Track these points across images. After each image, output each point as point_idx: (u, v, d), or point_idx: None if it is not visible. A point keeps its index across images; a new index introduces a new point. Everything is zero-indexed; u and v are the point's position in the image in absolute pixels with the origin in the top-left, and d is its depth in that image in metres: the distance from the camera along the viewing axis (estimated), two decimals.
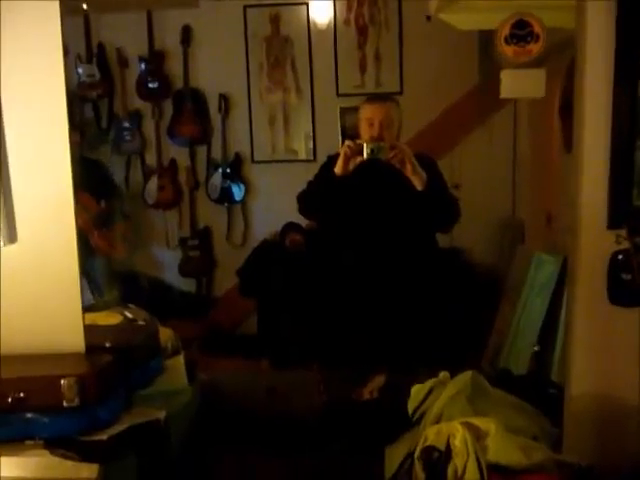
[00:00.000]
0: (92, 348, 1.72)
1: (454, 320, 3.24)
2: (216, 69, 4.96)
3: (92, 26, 4.89)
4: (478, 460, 1.49)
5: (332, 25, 4.90)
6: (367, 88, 4.88)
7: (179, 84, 4.96)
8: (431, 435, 1.59)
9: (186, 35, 4.90)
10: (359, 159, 2.74)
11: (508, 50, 2.19)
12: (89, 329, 1.97)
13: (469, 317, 3.67)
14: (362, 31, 4.90)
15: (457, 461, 1.49)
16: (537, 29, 2.18)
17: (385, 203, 2.91)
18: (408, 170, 2.66)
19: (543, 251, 3.50)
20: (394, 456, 1.73)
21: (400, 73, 4.86)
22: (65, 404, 1.51)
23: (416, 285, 2.94)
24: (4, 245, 1.66)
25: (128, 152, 5.03)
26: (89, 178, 4.44)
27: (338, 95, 4.98)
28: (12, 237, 1.67)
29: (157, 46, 4.92)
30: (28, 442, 1.50)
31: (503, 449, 1.53)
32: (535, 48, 2.17)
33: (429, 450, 1.54)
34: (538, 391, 2.29)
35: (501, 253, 4.51)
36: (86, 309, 3.77)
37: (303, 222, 4.85)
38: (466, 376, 1.84)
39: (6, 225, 1.66)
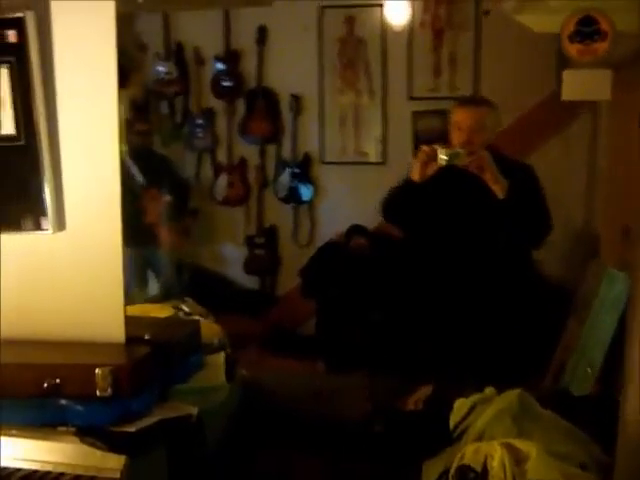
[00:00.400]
0: (132, 339, 1.72)
1: (522, 334, 3.11)
2: (289, 69, 4.97)
3: (171, 25, 5.00)
4: None
5: (407, 27, 4.82)
6: (441, 92, 4.79)
7: (252, 83, 4.99)
8: (469, 453, 1.51)
9: (261, 35, 4.93)
10: (436, 165, 2.64)
11: (571, 49, 2.05)
12: (132, 320, 2.00)
13: (537, 332, 3.53)
14: (438, 33, 4.80)
15: None
16: (605, 26, 2.03)
17: (466, 211, 2.79)
18: (487, 178, 2.54)
19: (617, 266, 3.31)
20: (431, 471, 1.66)
21: (475, 77, 4.74)
22: (98, 394, 1.51)
23: (489, 295, 2.83)
24: (52, 232, 1.68)
25: (200, 149, 5.11)
26: (158, 173, 4.53)
27: (411, 98, 4.90)
28: (61, 224, 1.70)
29: (233, 45, 4.98)
30: (61, 428, 1.51)
31: (543, 475, 1.43)
32: (602, 47, 2.02)
33: (464, 469, 1.46)
34: (599, 415, 2.15)
35: (573, 266, 4.32)
36: (147, 300, 3.86)
37: (370, 225, 4.81)
38: (513, 394, 1.74)
39: (55, 213, 1.68)
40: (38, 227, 1.68)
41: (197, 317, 3.02)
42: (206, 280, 5.20)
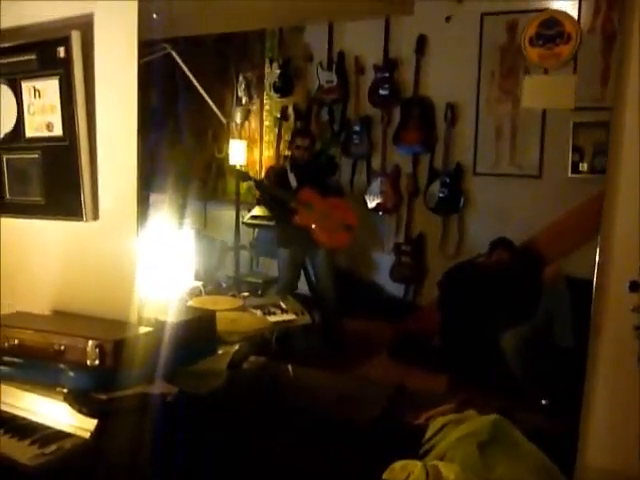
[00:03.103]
0: (148, 321, 1.93)
1: None
2: (446, 78, 4.94)
3: (335, 35, 5.22)
4: None
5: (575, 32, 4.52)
6: (608, 102, 4.41)
7: (409, 92, 5.03)
8: (397, 468, 1.48)
9: (421, 44, 4.96)
10: None
11: (533, 53, 1.85)
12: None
13: None
14: (609, 38, 4.45)
15: None
16: (569, 28, 1.80)
17: None
18: None
19: None
20: None
21: None
22: (88, 363, 1.73)
23: None
24: (87, 221, 1.95)
25: (356, 155, 5.27)
26: (318, 175, 4.72)
27: (573, 109, 4.59)
28: (95, 215, 1.96)
29: (392, 54, 5.06)
30: (59, 389, 1.76)
31: None
32: (565, 50, 1.79)
33: None
34: None
35: None
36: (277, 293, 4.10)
37: (519, 240, 4.62)
38: (485, 420, 1.64)
39: (91, 204, 1.95)
40: (76, 216, 1.95)
41: (291, 315, 3.19)
42: (355, 284, 5.35)
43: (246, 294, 3.87)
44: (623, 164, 1.35)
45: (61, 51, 1.90)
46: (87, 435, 1.64)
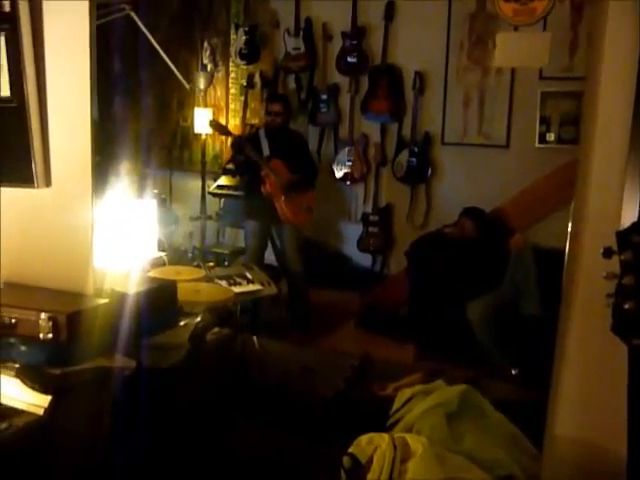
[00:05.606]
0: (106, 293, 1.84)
1: None
2: (415, 46, 4.86)
3: (303, 1, 5.09)
4: None
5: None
6: (575, 72, 4.39)
7: (377, 60, 4.95)
8: (363, 441, 1.44)
9: (389, 12, 4.87)
10: None
11: (506, 8, 1.79)
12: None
13: None
14: (578, 8, 4.40)
15: (370, 477, 1.33)
16: None
17: None
18: None
19: None
20: None
21: None
22: (41, 337, 1.65)
23: None
24: (39, 187, 1.85)
25: (323, 124, 5.18)
26: (288, 148, 4.62)
27: (541, 78, 4.57)
28: (47, 181, 1.86)
29: (360, 21, 4.96)
30: (10, 364, 1.68)
31: (422, 475, 1.32)
32: (540, 6, 1.74)
33: (348, 457, 1.39)
34: None
35: None
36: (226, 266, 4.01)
37: (487, 209, 4.60)
38: (454, 390, 1.61)
39: (43, 170, 1.85)
40: (28, 183, 1.85)
41: (257, 285, 3.13)
42: (322, 254, 5.31)
43: (212, 264, 3.79)
44: (597, 131, 1.30)
45: (6, 5, 1.78)
46: (41, 412, 1.57)
